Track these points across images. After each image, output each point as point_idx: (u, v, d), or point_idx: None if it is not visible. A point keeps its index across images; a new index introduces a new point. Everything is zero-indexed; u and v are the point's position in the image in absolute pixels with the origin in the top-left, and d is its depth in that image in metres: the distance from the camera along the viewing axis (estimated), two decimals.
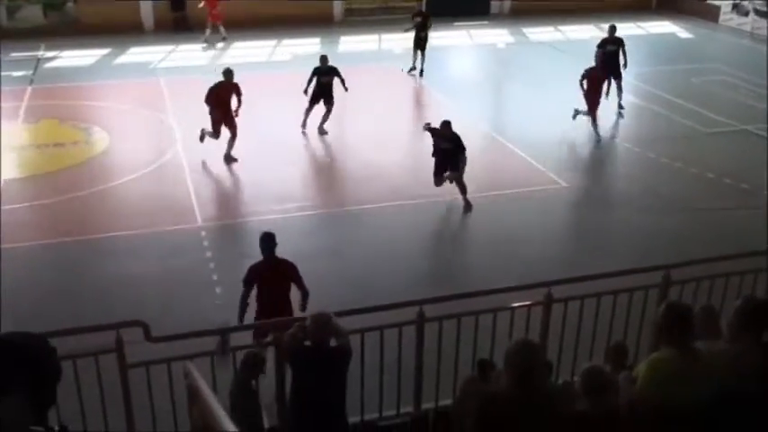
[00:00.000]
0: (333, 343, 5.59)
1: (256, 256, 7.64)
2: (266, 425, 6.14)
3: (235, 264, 9.50)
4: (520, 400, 3.98)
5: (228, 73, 13.43)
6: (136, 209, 11.95)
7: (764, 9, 23.83)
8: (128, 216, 11.69)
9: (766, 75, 17.32)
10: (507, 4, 26.86)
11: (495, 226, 11.77)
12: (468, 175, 12.56)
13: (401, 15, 24.94)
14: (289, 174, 13.32)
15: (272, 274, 7.51)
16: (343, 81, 14.97)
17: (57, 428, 2.27)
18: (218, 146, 13.69)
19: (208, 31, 22.17)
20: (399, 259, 10.38)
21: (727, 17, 25.26)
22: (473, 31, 24.35)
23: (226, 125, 13.41)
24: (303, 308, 7.36)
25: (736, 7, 24.96)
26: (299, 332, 5.65)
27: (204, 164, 13.53)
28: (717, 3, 25.62)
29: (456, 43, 23.37)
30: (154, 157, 13.92)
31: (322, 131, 15.12)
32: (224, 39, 22.33)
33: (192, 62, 20.50)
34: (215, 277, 9.89)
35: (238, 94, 13.42)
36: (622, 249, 10.54)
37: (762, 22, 23.86)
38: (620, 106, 16.35)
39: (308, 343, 5.61)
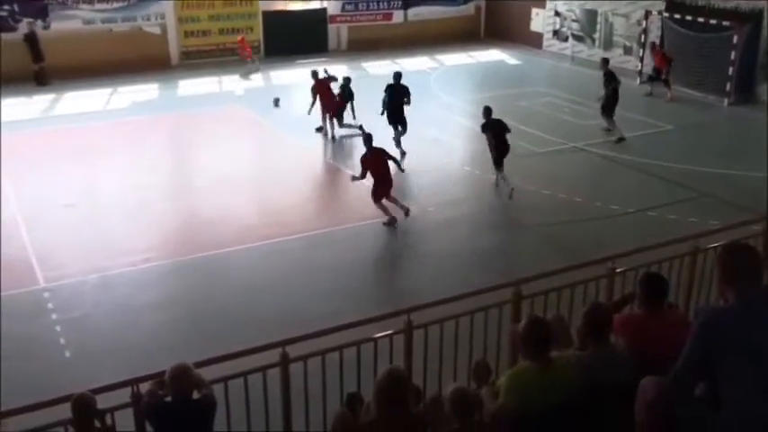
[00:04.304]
0: (195, 395, 5.41)
1: (105, 312, 7.26)
2: None
3: (84, 323, 9.01)
4: (392, 428, 4.02)
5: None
6: None
7: (580, 34, 25.68)
8: None
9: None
10: (344, 40, 27.39)
11: (353, 257, 11.82)
12: (312, 209, 12.56)
13: (238, 56, 24.85)
14: (133, 224, 12.82)
15: (376, 158, 12.59)
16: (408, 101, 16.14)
17: None
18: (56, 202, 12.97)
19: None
20: (255, 302, 10.23)
21: (550, 43, 27.01)
22: (314, 68, 24.53)
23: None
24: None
25: (556, 33, 26.74)
26: (158, 388, 5.42)
27: (43, 221, 12.79)
28: (539, 30, 27.34)
29: (299, 81, 23.52)
30: None
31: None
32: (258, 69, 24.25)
33: (23, 116, 19.33)
34: (62, 341, 9.33)
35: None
36: (474, 270, 10.89)
37: (580, 45, 25.71)
38: None
39: (168, 399, 5.39)
